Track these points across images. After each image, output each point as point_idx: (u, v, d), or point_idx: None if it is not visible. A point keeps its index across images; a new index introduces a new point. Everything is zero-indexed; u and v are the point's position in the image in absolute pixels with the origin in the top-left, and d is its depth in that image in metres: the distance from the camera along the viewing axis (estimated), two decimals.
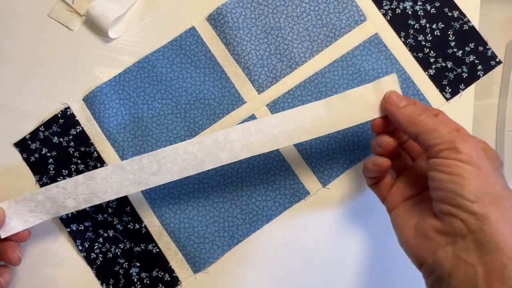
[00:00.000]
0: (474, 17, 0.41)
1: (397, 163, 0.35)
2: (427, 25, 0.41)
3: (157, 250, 0.41)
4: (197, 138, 0.35)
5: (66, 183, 0.36)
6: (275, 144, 0.35)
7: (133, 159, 0.35)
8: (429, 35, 0.41)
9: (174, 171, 0.35)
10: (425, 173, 0.30)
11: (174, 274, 0.41)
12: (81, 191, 0.36)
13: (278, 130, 0.35)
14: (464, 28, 0.41)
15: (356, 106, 0.34)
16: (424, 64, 0.41)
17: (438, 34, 0.41)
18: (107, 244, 0.41)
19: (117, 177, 0.36)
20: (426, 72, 0.41)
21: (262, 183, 0.41)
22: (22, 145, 0.42)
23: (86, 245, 0.41)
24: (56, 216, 0.37)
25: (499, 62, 0.41)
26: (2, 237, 0.36)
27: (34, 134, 0.42)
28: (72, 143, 0.42)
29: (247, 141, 0.35)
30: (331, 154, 0.41)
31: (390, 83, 0.34)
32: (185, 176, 0.35)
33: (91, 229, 0.41)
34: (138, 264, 0.41)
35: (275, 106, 0.41)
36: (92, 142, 0.41)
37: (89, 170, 0.41)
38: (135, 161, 0.36)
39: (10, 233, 0.36)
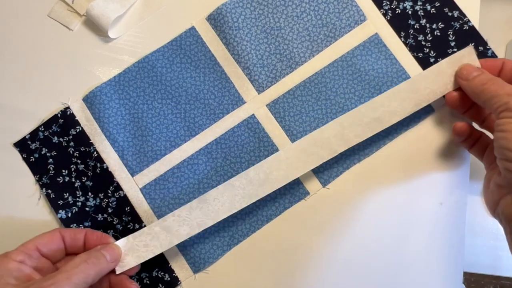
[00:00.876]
0: (474, 17, 0.41)
1: (490, 124, 0.37)
2: (427, 25, 0.41)
3: None
4: (293, 145, 0.38)
5: (181, 211, 0.37)
6: (369, 131, 0.37)
7: (240, 175, 0.37)
8: (429, 35, 0.41)
9: (280, 177, 0.37)
10: None
11: (174, 274, 0.41)
12: (194, 216, 0.37)
13: (368, 118, 0.37)
14: (464, 28, 0.41)
15: (436, 82, 0.36)
16: (424, 64, 0.41)
17: (438, 34, 0.41)
18: None
19: (228, 195, 0.37)
20: None
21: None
22: (22, 145, 0.42)
23: None
24: (170, 247, 0.37)
25: None
26: (117, 273, 0.37)
27: (33, 134, 0.42)
28: (72, 143, 0.42)
29: (343, 134, 0.37)
30: None
31: (466, 56, 0.36)
32: (292, 179, 0.37)
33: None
34: None
35: (275, 106, 0.41)
36: (92, 142, 0.41)
37: (89, 170, 0.41)
38: (242, 176, 0.37)
39: (124, 269, 0.37)
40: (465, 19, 0.41)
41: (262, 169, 0.37)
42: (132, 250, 0.37)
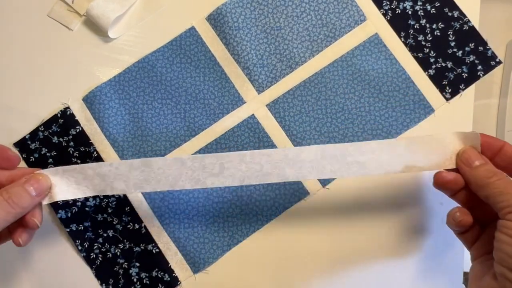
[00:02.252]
0: (474, 17, 0.41)
1: (484, 214, 0.33)
2: (427, 25, 0.41)
3: (157, 250, 0.41)
4: (265, 151, 0.34)
5: (120, 164, 0.35)
6: (345, 172, 0.34)
7: (195, 156, 0.35)
8: (429, 35, 0.41)
9: (236, 177, 0.34)
10: None
11: (173, 274, 0.41)
12: (134, 175, 0.35)
13: (352, 159, 0.34)
14: (464, 28, 0.41)
15: (435, 153, 0.33)
16: (424, 64, 0.41)
17: (438, 34, 0.41)
18: (106, 244, 0.41)
19: (175, 170, 0.35)
20: (426, 72, 0.41)
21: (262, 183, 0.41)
22: (21, 145, 0.42)
23: (86, 245, 0.41)
24: (101, 194, 0.35)
25: (499, 62, 0.41)
26: (44, 203, 0.34)
27: (33, 134, 0.42)
28: (71, 143, 0.42)
29: (318, 164, 0.34)
30: None
31: (470, 139, 0.33)
32: (245, 184, 0.35)
33: (90, 229, 0.41)
34: (137, 264, 0.41)
35: (275, 106, 0.41)
36: (91, 142, 0.41)
37: None
38: (197, 159, 0.35)
39: (53, 200, 0.34)
40: (465, 19, 0.41)
41: (220, 161, 0.35)
42: (62, 184, 0.34)
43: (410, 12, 0.41)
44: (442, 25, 0.41)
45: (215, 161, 0.35)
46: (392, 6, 0.42)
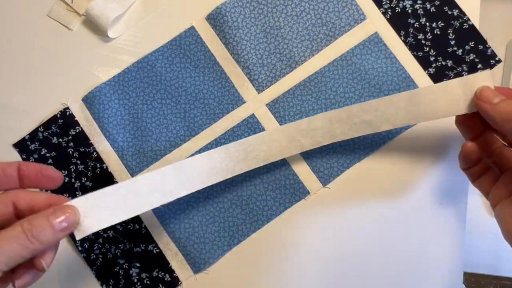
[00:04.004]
0: (474, 16, 0.41)
1: (500, 159, 0.34)
2: (427, 23, 0.41)
3: (157, 250, 0.41)
4: (280, 128, 0.37)
5: (153, 175, 0.33)
6: (355, 132, 0.36)
7: (220, 148, 0.35)
8: (429, 34, 0.41)
9: (260, 158, 0.37)
10: None
11: (174, 275, 0.41)
12: (167, 182, 0.33)
13: (359, 119, 0.35)
14: (464, 27, 0.41)
15: (442, 101, 0.33)
16: (424, 63, 0.41)
17: (438, 32, 0.41)
18: (107, 245, 0.41)
19: (206, 166, 0.35)
20: (426, 71, 0.41)
21: (262, 182, 0.41)
22: (21, 146, 0.42)
23: (86, 246, 0.41)
24: (138, 213, 0.32)
25: (499, 61, 0.41)
26: (78, 238, 0.30)
27: (33, 134, 0.42)
28: (71, 144, 0.41)
29: (329, 129, 0.36)
30: (331, 153, 0.41)
31: (482, 80, 0.32)
32: (270, 162, 0.37)
33: None
34: (138, 264, 0.41)
35: (275, 106, 0.41)
36: (91, 143, 0.41)
37: (88, 170, 0.41)
38: (222, 150, 0.36)
39: (86, 234, 0.30)
40: (465, 18, 0.41)
41: (243, 146, 0.36)
42: (93, 212, 0.30)
43: (410, 11, 0.41)
44: (442, 24, 0.41)
45: (239, 147, 0.36)
46: (392, 5, 0.42)
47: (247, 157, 0.36)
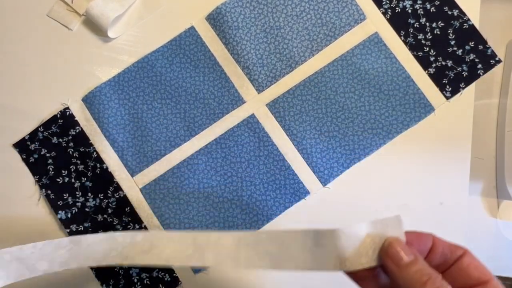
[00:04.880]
0: (474, 16, 0.41)
1: None
2: (427, 23, 0.41)
3: None
4: (191, 233, 0.32)
5: (45, 245, 0.32)
6: (257, 262, 0.29)
7: (127, 233, 0.32)
8: (429, 34, 0.41)
9: (163, 256, 0.32)
10: None
11: (174, 275, 0.41)
12: (59, 254, 0.32)
13: (263, 248, 0.30)
14: (464, 27, 0.41)
15: (346, 249, 0.27)
16: (424, 63, 0.41)
17: (438, 32, 0.41)
18: None
19: (106, 247, 0.33)
20: (426, 71, 0.41)
21: (262, 183, 0.41)
22: (21, 146, 0.42)
23: None
24: (20, 279, 0.32)
25: (499, 61, 0.41)
26: None
27: (33, 134, 0.42)
28: (71, 144, 0.41)
29: (235, 250, 0.30)
30: (331, 153, 0.41)
31: (392, 226, 0.27)
32: (170, 264, 0.32)
33: (91, 229, 0.41)
34: None
35: (275, 106, 0.41)
36: (91, 143, 0.41)
37: (88, 170, 0.41)
38: (128, 236, 0.32)
39: None
40: (465, 18, 0.41)
41: (150, 239, 0.33)
42: None
43: (410, 11, 0.41)
44: (442, 24, 0.41)
45: (147, 240, 0.32)
46: (392, 5, 0.42)
47: (150, 252, 0.32)
